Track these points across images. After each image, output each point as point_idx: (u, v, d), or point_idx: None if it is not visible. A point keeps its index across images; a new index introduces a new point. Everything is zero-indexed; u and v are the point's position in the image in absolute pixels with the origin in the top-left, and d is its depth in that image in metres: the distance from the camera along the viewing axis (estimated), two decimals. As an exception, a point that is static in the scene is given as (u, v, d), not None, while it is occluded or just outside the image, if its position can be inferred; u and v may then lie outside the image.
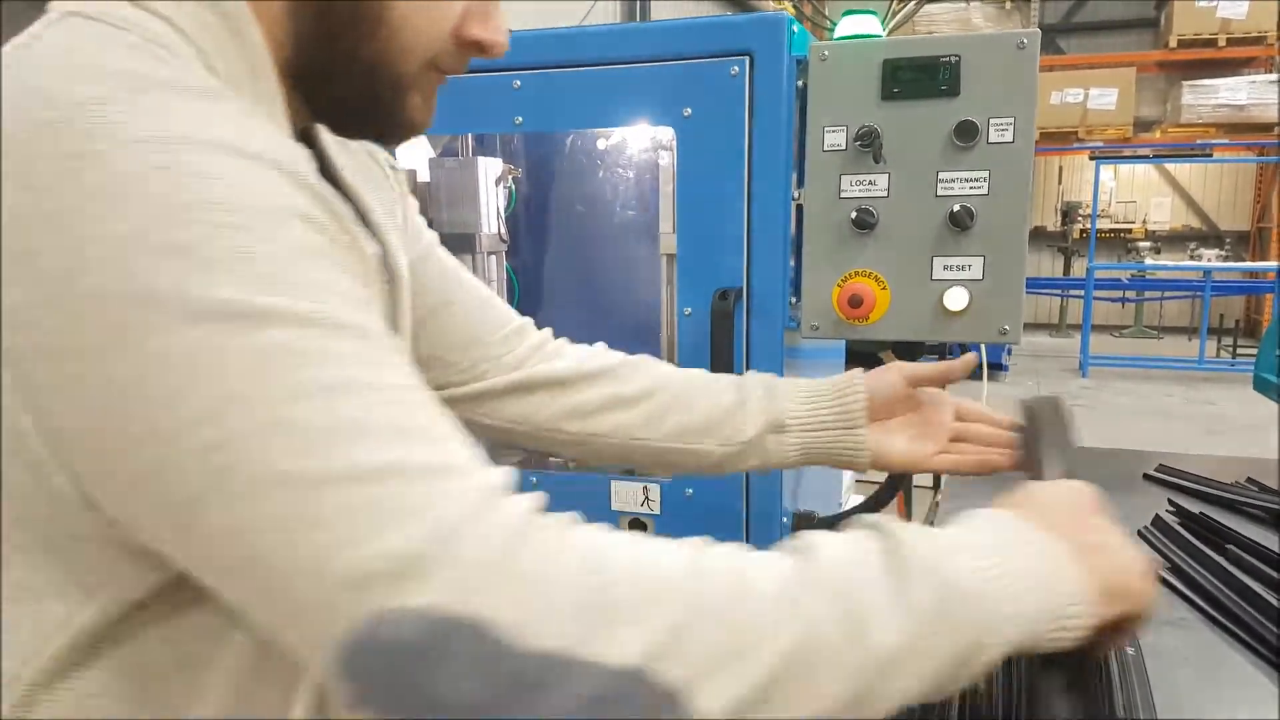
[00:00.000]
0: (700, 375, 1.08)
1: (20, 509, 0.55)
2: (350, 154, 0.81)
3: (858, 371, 1.07)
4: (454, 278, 1.00)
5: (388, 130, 0.74)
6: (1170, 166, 13.22)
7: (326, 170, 0.76)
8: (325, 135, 0.77)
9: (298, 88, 0.67)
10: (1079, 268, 12.45)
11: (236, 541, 0.50)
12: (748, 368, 1.46)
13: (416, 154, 1.82)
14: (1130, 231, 13.05)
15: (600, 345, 1.10)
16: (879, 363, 4.24)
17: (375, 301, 0.63)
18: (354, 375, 0.52)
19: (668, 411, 1.03)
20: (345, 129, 0.74)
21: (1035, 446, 0.95)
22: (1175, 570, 1.52)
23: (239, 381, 0.49)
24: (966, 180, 1.27)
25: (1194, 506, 1.50)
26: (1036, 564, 0.62)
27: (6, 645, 0.57)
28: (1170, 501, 1.55)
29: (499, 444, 1.11)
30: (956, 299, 1.28)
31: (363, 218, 0.78)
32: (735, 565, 0.56)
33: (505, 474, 0.56)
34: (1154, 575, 0.69)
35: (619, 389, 1.04)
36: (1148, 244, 12.29)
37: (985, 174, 1.26)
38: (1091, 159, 11.21)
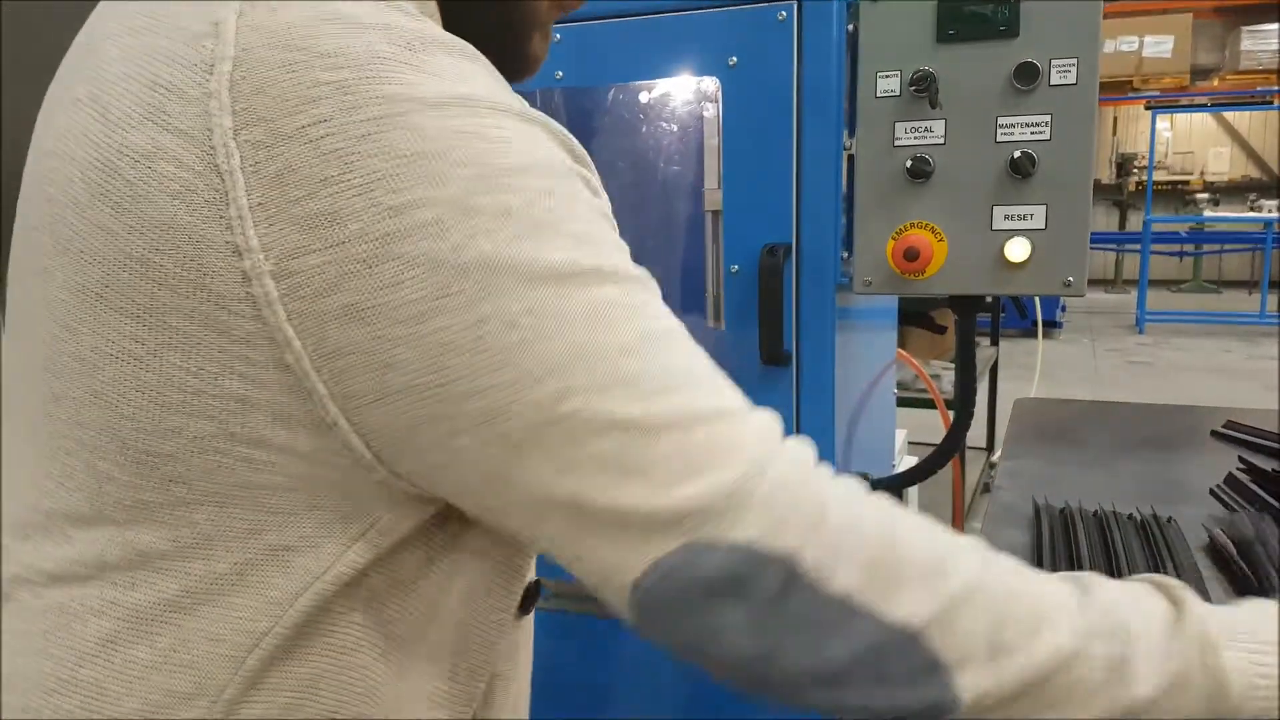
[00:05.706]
0: None
1: (308, 469, 0.55)
2: None
3: None
4: None
5: (512, 66, 0.72)
6: (1229, 115, 12.85)
7: None
8: None
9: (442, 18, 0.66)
10: (1135, 221, 12.20)
11: (560, 483, 0.53)
12: (798, 326, 1.42)
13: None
14: (1188, 183, 12.72)
15: None
16: (930, 321, 4.14)
17: None
18: (666, 325, 0.56)
19: None
20: None
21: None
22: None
23: (581, 335, 0.52)
24: (1028, 125, 1.21)
25: (1266, 464, 1.45)
26: None
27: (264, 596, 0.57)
28: (1241, 459, 1.50)
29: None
30: (1018, 250, 1.23)
31: None
32: (1015, 565, 0.59)
33: (774, 414, 0.58)
34: None
35: None
36: (1206, 196, 11.99)
37: (1047, 118, 1.21)
38: (1147, 109, 10.93)
